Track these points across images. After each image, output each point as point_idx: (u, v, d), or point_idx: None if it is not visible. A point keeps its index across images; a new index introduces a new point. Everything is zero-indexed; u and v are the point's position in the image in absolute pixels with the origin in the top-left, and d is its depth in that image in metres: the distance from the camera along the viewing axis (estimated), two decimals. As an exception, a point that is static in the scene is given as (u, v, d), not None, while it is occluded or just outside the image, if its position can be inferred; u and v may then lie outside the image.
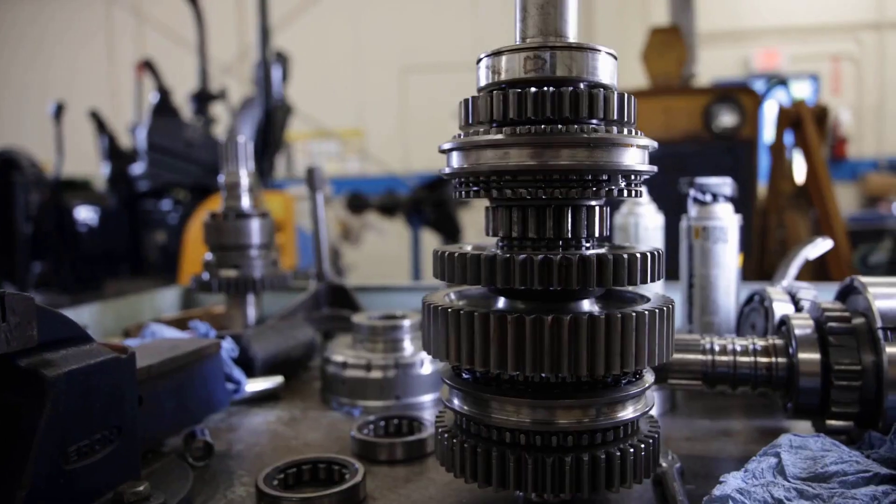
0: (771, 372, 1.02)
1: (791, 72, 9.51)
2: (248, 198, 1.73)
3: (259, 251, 1.73)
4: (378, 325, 1.35)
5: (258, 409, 1.34)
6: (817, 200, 3.77)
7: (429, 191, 7.23)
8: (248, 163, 1.72)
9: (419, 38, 11.12)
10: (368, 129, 11.44)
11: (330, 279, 1.91)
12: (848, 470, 0.81)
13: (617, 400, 0.81)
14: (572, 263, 0.77)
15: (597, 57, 0.82)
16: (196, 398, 1.06)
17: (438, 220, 7.33)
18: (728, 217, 1.36)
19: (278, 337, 1.51)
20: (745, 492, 0.77)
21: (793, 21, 10.00)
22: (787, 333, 1.03)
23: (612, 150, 0.79)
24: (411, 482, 0.98)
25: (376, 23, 11.14)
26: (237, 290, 1.68)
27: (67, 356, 0.78)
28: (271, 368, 1.44)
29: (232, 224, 1.69)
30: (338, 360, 1.34)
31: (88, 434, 0.80)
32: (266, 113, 5.30)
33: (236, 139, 1.70)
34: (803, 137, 3.93)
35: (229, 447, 1.13)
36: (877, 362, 0.93)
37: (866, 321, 0.98)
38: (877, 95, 9.87)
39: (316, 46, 10.37)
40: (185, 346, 1.06)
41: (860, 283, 1.01)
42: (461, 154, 0.85)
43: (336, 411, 1.32)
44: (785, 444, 0.86)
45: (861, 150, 9.65)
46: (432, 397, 1.34)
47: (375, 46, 11.17)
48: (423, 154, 11.04)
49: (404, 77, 11.29)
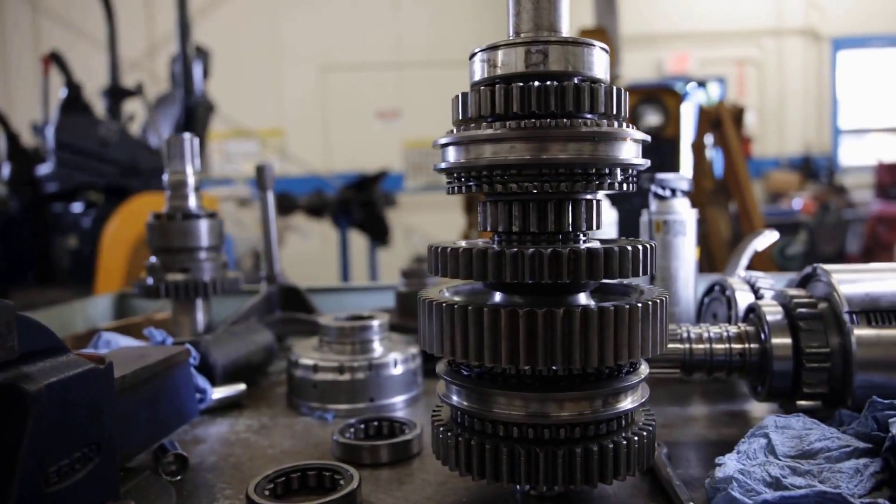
0: (745, 357, 1.07)
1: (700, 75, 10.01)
2: (194, 197, 1.65)
3: (208, 253, 1.66)
4: (348, 327, 1.32)
5: (222, 418, 1.28)
6: (737, 196, 4.00)
7: (356, 191, 7.15)
8: (195, 161, 1.64)
9: (340, 36, 10.97)
10: (289, 129, 11.18)
11: (283, 281, 1.85)
12: (831, 446, 0.85)
13: (615, 391, 0.83)
14: (570, 257, 0.77)
15: (592, 52, 0.83)
16: (168, 409, 1.00)
17: (367, 221, 7.28)
18: (686, 211, 1.41)
19: (238, 342, 1.45)
20: (745, 472, 0.80)
21: (701, 27, 10.54)
22: (757, 320, 1.08)
23: (612, 144, 0.80)
24: (405, 484, 0.96)
25: (295, 19, 10.91)
26: (186, 294, 1.60)
27: (45, 368, 0.71)
28: (232, 375, 1.38)
29: (179, 225, 1.60)
30: (307, 363, 1.30)
31: (68, 453, 0.74)
32: (187, 110, 5.09)
33: (182, 136, 1.62)
34: (723, 136, 4.15)
35: (202, 460, 1.07)
36: (843, 344, 0.99)
37: (830, 306, 1.03)
38: (777, 97, 10.54)
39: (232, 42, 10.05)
40: (155, 355, 1.00)
41: (823, 271, 1.07)
42: (460, 149, 0.83)
43: (307, 416, 1.28)
44: (771, 425, 0.90)
45: (764, 149, 10.29)
46: (405, 398, 1.32)
47: (295, 44, 10.93)
48: (345, 154, 10.91)
49: (325, 76, 11.11)
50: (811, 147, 10.37)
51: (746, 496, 0.77)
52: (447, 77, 10.90)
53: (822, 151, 10.33)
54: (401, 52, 11.04)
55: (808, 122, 10.60)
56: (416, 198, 10.95)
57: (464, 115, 0.84)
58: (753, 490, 0.78)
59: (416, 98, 11.04)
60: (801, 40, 10.45)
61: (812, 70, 10.53)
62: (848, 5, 10.37)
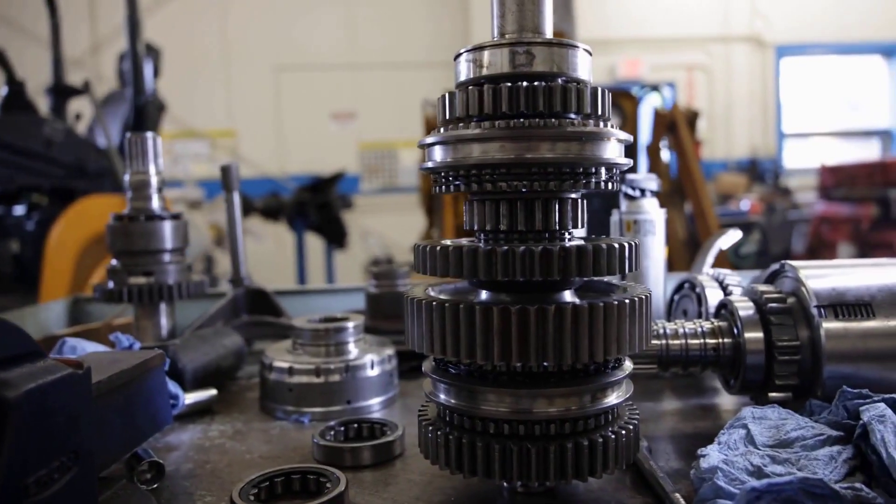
0: (718, 352, 1.10)
1: (651, 80, 10.26)
2: (157, 198, 1.61)
3: (172, 256, 1.62)
4: (323, 329, 1.30)
5: (193, 424, 1.25)
6: (693, 197, 4.11)
7: (313, 193, 7.08)
8: (158, 161, 1.60)
9: (293, 35, 10.85)
10: (240, 130, 10.99)
11: (249, 284, 1.81)
12: (806, 435, 0.88)
13: (602, 386, 0.84)
14: (560, 254, 0.78)
15: (576, 53, 0.84)
16: (143, 415, 0.97)
17: (323, 223, 7.21)
18: (655, 211, 1.44)
19: (206, 346, 1.41)
20: (728, 462, 0.82)
21: (653, 33, 10.79)
22: (730, 316, 1.11)
23: (598, 143, 0.81)
24: (391, 485, 0.95)
25: (247, 18, 10.74)
26: (150, 298, 1.56)
27: (24, 374, 0.68)
28: (202, 380, 1.35)
29: (142, 227, 1.56)
30: (281, 366, 1.28)
31: (47, 462, 0.71)
32: (137, 109, 4.94)
33: (144, 134, 1.57)
34: (677, 139, 4.26)
35: (177, 467, 1.04)
36: (812, 337, 1.03)
37: (798, 301, 1.07)
38: (725, 102, 10.88)
39: (180, 40, 9.82)
40: (128, 359, 0.96)
41: (791, 267, 1.10)
42: (447, 148, 0.83)
43: (282, 420, 1.26)
44: (748, 416, 0.93)
45: (713, 152, 10.60)
46: (382, 399, 1.31)
47: (246, 42, 10.76)
48: (299, 156, 10.78)
49: (278, 75, 10.96)
50: (757, 150, 10.74)
51: (731, 485, 0.79)
52: (403, 79, 10.91)
53: (767, 154, 10.71)
54: (356, 52, 10.97)
55: (754, 126, 10.98)
56: (372, 200, 10.91)
57: (451, 115, 0.84)
58: (737, 479, 0.80)
59: (372, 99, 10.99)
60: (746, 47, 10.82)
61: (757, 76, 10.91)
62: (791, 14, 10.78)
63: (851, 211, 7.26)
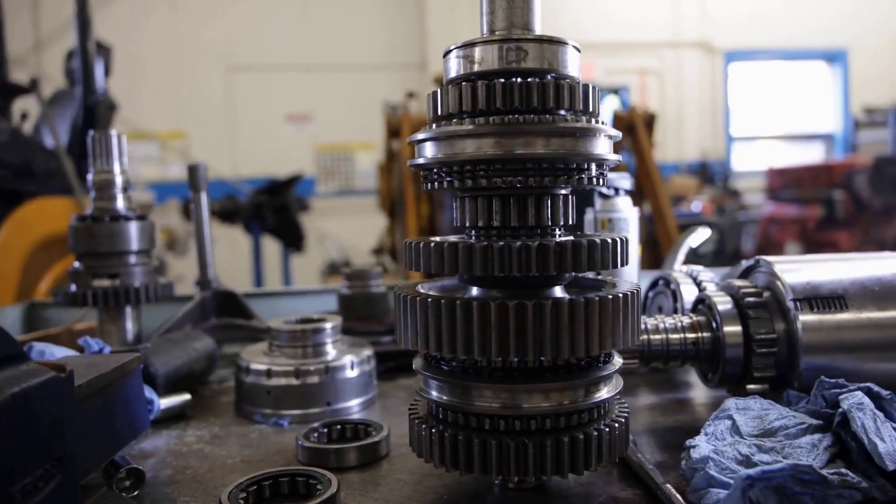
0: (698, 346, 1.12)
1: (605, 83, 10.45)
2: (123, 198, 1.56)
3: (138, 257, 1.57)
4: (301, 330, 1.28)
5: (167, 430, 1.21)
6: (651, 198, 4.19)
7: (269, 195, 6.97)
8: (123, 159, 1.55)
9: (247, 35, 10.67)
10: (192, 132, 10.75)
11: (217, 286, 1.77)
12: (789, 424, 0.91)
13: (595, 380, 0.85)
14: (556, 249, 0.79)
15: (566, 50, 0.85)
16: (122, 420, 0.94)
17: (280, 226, 7.10)
18: (629, 209, 1.46)
19: (178, 350, 1.37)
20: (718, 451, 0.84)
21: (607, 38, 10.98)
22: (708, 310, 1.13)
23: (590, 139, 0.82)
24: (381, 486, 0.94)
25: (199, 17, 10.51)
26: (116, 302, 1.51)
27: (7, 377, 0.65)
28: (174, 385, 1.31)
29: (106, 227, 1.51)
30: (259, 368, 1.25)
31: (32, 469, 0.68)
32: (87, 109, 4.78)
33: (108, 132, 1.52)
34: (636, 141, 4.35)
35: (155, 474, 1.01)
36: (788, 330, 1.06)
37: (773, 295, 1.10)
38: (676, 106, 11.15)
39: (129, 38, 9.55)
40: (106, 363, 0.93)
41: (766, 262, 1.14)
42: (440, 144, 0.83)
43: (261, 424, 1.23)
44: (732, 407, 0.95)
45: (665, 154, 10.85)
46: (362, 401, 1.30)
47: (199, 42, 10.53)
48: (254, 158, 10.59)
49: (231, 76, 10.76)
50: (707, 153, 11.04)
51: (722, 474, 0.81)
52: (359, 80, 10.84)
53: (717, 157, 11.02)
54: (311, 53, 10.85)
55: (703, 130, 11.29)
56: (328, 203, 10.80)
57: (443, 111, 0.84)
58: (728, 468, 0.82)
59: (328, 101, 10.89)
60: (696, 52, 11.12)
61: (707, 81, 11.22)
62: (738, 21, 11.13)
63: (798, 212, 7.53)
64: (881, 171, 7.00)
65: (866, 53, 11.24)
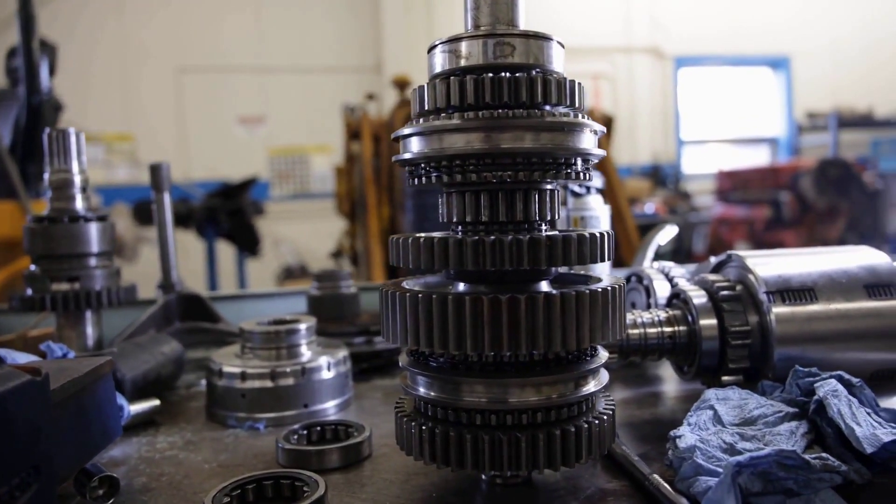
0: (674, 340, 1.14)
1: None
2: (82, 198, 1.50)
3: (99, 260, 1.51)
4: (275, 331, 1.26)
5: (136, 437, 1.17)
6: (610, 198, 4.25)
7: (224, 199, 6.83)
8: (81, 158, 1.50)
9: (196, 36, 10.44)
10: (139, 134, 10.46)
11: (181, 289, 1.72)
12: (767, 412, 0.93)
13: (583, 374, 0.85)
14: (545, 243, 0.79)
15: (551, 45, 0.86)
16: (95, 426, 0.90)
17: (235, 230, 6.96)
18: (600, 207, 1.48)
19: (145, 354, 1.33)
20: (704, 441, 0.85)
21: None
22: (683, 304, 1.16)
23: (578, 134, 0.83)
24: (367, 486, 0.93)
25: (147, 15, 10.23)
26: (77, 306, 1.45)
27: (-18, 382, 0.62)
28: (142, 390, 1.27)
29: (65, 229, 1.45)
30: (233, 371, 1.22)
31: (8, 478, 0.64)
32: (31, 109, 4.60)
33: (66, 130, 1.46)
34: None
35: (129, 482, 0.97)
36: (761, 322, 1.09)
37: (745, 288, 1.13)
38: (629, 110, 11.38)
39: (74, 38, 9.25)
40: (77, 367, 0.89)
41: (737, 257, 1.16)
42: (428, 139, 0.82)
43: (235, 428, 1.20)
44: (713, 397, 0.97)
45: (618, 158, 11.04)
46: (338, 402, 1.28)
47: (146, 42, 10.25)
48: (204, 161, 10.36)
49: (181, 77, 10.52)
50: (659, 156, 11.29)
51: (709, 462, 0.82)
52: (313, 83, 10.72)
53: (668, 160, 11.28)
54: (264, 55, 10.69)
55: (655, 134, 11.54)
56: (283, 206, 10.64)
57: (431, 106, 0.83)
58: (714, 456, 0.83)
59: (282, 104, 10.74)
60: (647, 58, 11.37)
61: (658, 86, 11.48)
62: (688, 27, 11.42)
63: (746, 213, 7.77)
64: (824, 173, 7.29)
65: (808, 60, 11.69)
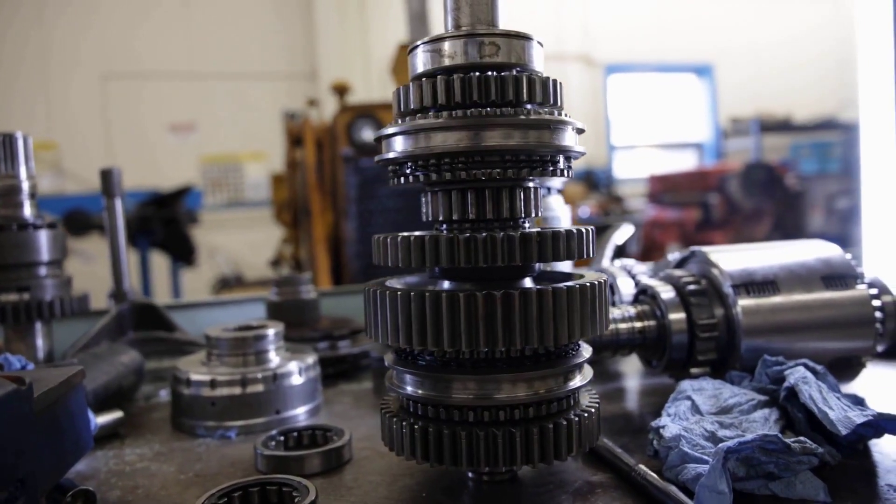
0: (645, 334, 1.17)
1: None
2: (30, 205, 1.43)
3: (49, 269, 1.44)
4: (243, 337, 1.23)
5: (101, 450, 1.12)
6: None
7: (157, 208, 6.61)
8: (29, 163, 1.42)
9: (122, 42, 10.06)
10: (63, 142, 9.99)
11: (133, 298, 1.66)
12: (741, 401, 0.97)
13: (569, 369, 0.87)
14: (535, 238, 0.80)
15: (532, 45, 0.88)
16: (69, 438, 0.86)
17: (169, 240, 6.74)
18: (560, 208, 1.51)
19: (105, 365, 1.27)
20: (687, 430, 0.88)
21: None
22: (651, 300, 1.19)
23: (562, 132, 0.85)
24: (354, 489, 0.92)
25: (69, 21, 9.80)
26: (28, 317, 1.38)
27: (-32, 393, 0.58)
28: (102, 402, 1.21)
29: (13, 237, 1.38)
30: (201, 379, 1.18)
31: (-5, 495, 0.61)
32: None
33: (13, 134, 1.39)
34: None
35: (103, 496, 0.93)
36: (727, 315, 1.13)
37: (710, 282, 1.18)
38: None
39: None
40: (50, 376, 0.85)
41: (701, 252, 1.21)
42: (413, 138, 0.83)
43: (205, 437, 1.16)
44: (689, 388, 1.00)
45: (554, 163, 11.27)
46: (309, 408, 1.26)
47: (68, 46, 9.81)
48: (133, 170, 9.94)
49: (106, 83, 10.11)
50: (591, 161, 11.57)
51: (694, 450, 0.85)
52: (246, 89, 10.50)
53: (600, 165, 11.57)
54: (194, 61, 10.40)
55: (587, 139, 11.78)
56: (217, 215, 10.36)
57: (416, 105, 0.84)
58: (698, 444, 0.86)
59: (213, 111, 10.46)
60: (579, 65, 11.64)
61: (588, 92, 11.76)
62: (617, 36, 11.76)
63: (678, 215, 8.07)
64: (750, 176, 7.66)
65: (730, 67, 12.22)
